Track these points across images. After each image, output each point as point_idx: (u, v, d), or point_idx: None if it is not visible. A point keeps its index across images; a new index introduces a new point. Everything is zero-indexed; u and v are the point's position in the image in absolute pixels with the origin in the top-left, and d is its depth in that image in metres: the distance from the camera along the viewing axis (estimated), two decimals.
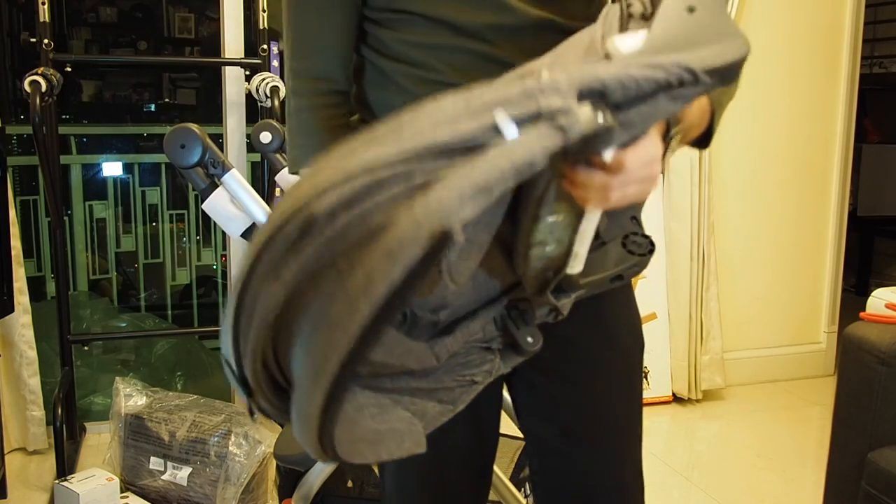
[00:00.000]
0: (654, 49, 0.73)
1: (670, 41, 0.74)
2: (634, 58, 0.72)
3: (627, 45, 0.76)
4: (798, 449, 2.79)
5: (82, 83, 5.52)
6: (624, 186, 0.76)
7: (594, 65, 0.70)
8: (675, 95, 0.71)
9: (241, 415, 2.27)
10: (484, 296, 0.88)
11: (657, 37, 0.75)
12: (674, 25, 0.76)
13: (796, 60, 3.25)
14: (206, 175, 1.51)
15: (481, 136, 0.61)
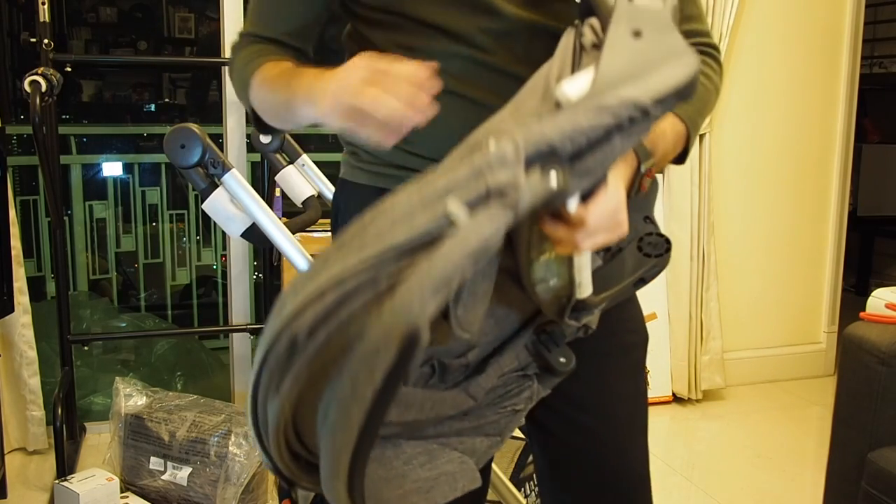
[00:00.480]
0: (601, 88, 0.74)
1: (618, 74, 0.75)
2: (582, 104, 0.73)
3: (575, 89, 0.76)
4: (798, 449, 2.79)
5: (82, 83, 5.52)
6: (591, 237, 0.80)
7: (542, 122, 0.71)
8: (628, 133, 0.73)
9: (240, 415, 2.27)
10: (508, 329, 0.90)
11: (604, 72, 0.76)
12: (621, 54, 0.77)
13: (796, 60, 3.25)
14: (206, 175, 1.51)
15: (436, 227, 0.63)
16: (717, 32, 2.95)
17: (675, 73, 0.74)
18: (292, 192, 1.95)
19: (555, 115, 0.73)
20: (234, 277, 2.88)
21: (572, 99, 0.75)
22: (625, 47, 0.77)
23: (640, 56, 0.76)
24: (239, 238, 1.57)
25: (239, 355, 2.90)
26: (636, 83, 0.73)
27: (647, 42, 0.77)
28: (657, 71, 0.74)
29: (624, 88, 0.73)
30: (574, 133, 0.70)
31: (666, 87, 0.74)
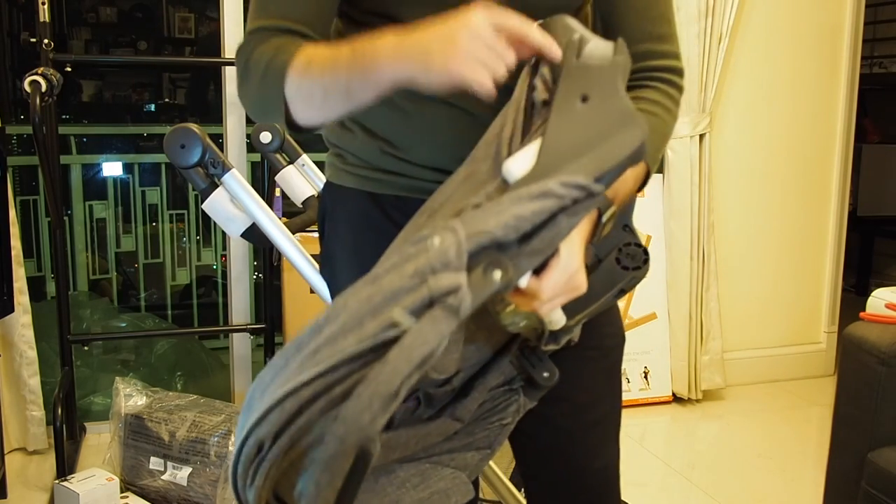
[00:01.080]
0: (546, 168, 0.75)
1: (563, 150, 0.76)
2: (526, 188, 0.73)
3: (519, 167, 0.77)
4: (798, 449, 2.79)
5: (82, 83, 5.52)
6: (550, 302, 0.81)
7: (486, 212, 0.72)
8: (574, 212, 0.74)
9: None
10: (490, 351, 0.91)
11: (550, 147, 0.76)
12: (567, 124, 0.77)
13: (796, 60, 3.25)
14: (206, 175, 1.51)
15: (382, 335, 0.66)
16: (717, 32, 2.95)
17: (621, 147, 0.75)
18: (292, 192, 1.95)
19: (498, 203, 0.73)
20: (234, 277, 2.88)
21: (517, 177, 0.76)
22: (572, 115, 0.77)
23: (586, 126, 0.76)
24: (239, 238, 1.57)
25: (239, 355, 2.90)
26: (581, 161, 0.74)
27: (595, 109, 0.77)
28: (603, 144, 0.75)
29: (568, 168, 0.74)
30: (518, 223, 0.71)
31: (611, 163, 0.74)
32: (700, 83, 2.98)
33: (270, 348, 2.75)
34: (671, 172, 3.05)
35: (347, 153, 1.12)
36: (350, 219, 1.10)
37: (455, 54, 0.77)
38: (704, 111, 3.01)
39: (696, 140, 3.01)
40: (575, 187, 0.72)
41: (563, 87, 0.79)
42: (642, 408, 3.09)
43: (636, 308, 3.10)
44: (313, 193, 1.93)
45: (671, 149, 3.03)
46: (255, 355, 2.93)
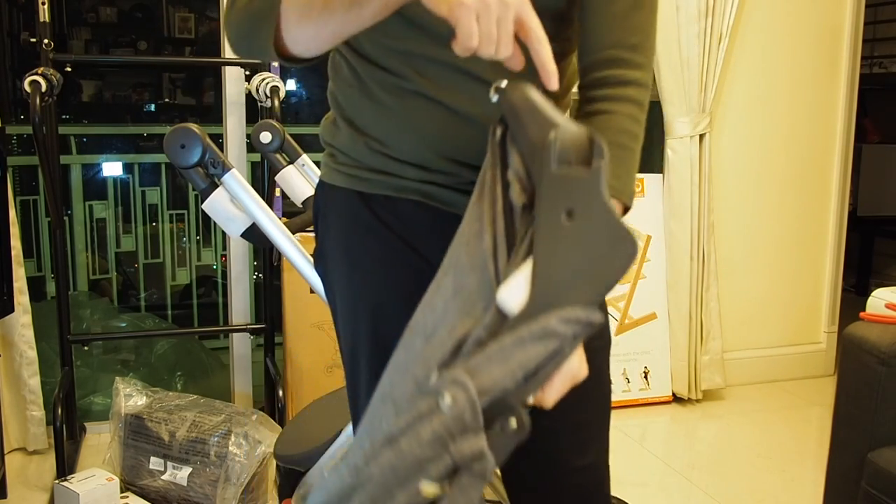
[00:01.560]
0: (542, 297, 0.75)
1: (556, 276, 0.75)
2: (527, 325, 0.75)
3: (515, 300, 0.77)
4: (798, 449, 2.79)
5: (82, 83, 5.52)
6: (558, 395, 0.82)
7: (490, 360, 0.74)
8: (575, 344, 0.75)
9: (240, 415, 2.27)
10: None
11: (542, 274, 0.76)
12: (556, 245, 0.76)
13: (796, 60, 3.26)
14: (206, 175, 1.52)
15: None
16: (717, 32, 2.95)
17: (614, 268, 0.74)
18: (292, 192, 1.95)
19: (501, 347, 0.74)
20: (234, 277, 2.88)
21: (514, 310, 0.76)
22: (559, 234, 0.75)
23: (576, 247, 0.75)
24: (239, 238, 1.57)
25: (239, 355, 2.90)
26: (576, 289, 0.74)
27: (582, 226, 0.75)
28: (596, 267, 0.74)
29: (565, 298, 0.74)
30: (524, 370, 0.73)
31: (606, 286, 0.75)
32: (700, 83, 2.98)
33: (270, 348, 2.75)
34: (671, 172, 3.05)
35: (339, 152, 1.13)
36: (341, 218, 1.12)
37: (462, 2, 0.77)
38: (704, 111, 3.01)
39: (696, 140, 3.01)
40: (576, 323, 0.74)
41: (546, 200, 0.77)
42: (642, 408, 3.09)
43: (636, 308, 3.10)
44: (313, 193, 1.93)
45: (671, 149, 3.03)
46: (255, 355, 2.93)
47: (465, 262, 0.83)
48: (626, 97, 1.00)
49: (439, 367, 0.78)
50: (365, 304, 1.12)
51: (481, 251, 0.81)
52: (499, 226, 0.82)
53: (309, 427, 1.95)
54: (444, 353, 0.78)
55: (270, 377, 2.67)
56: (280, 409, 2.49)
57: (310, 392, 2.63)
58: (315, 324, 2.67)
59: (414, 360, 0.82)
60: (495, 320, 0.78)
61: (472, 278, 0.81)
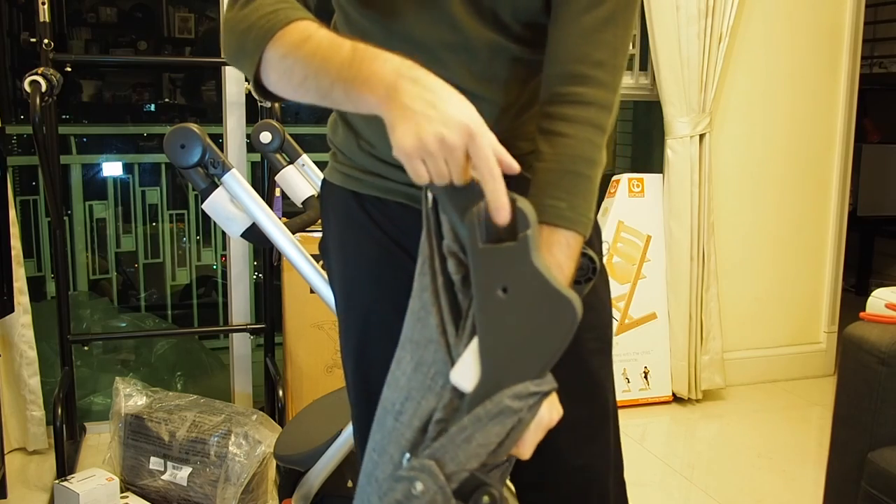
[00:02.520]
0: (492, 375, 0.77)
1: (502, 351, 0.76)
2: (482, 405, 0.77)
3: (467, 380, 0.79)
4: (798, 449, 2.79)
5: (82, 83, 5.52)
6: (532, 445, 0.85)
7: (455, 444, 0.78)
8: (533, 411, 0.78)
9: (240, 415, 2.27)
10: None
11: (488, 352, 0.77)
12: (496, 321, 0.76)
13: (797, 60, 3.25)
14: (206, 175, 1.51)
15: None
16: (717, 32, 2.95)
17: (558, 333, 0.75)
18: (292, 192, 1.95)
19: (462, 429, 0.77)
20: (234, 277, 2.88)
21: (468, 389, 0.78)
22: (497, 310, 0.76)
23: (516, 319, 0.76)
24: (239, 238, 1.57)
25: (239, 355, 2.90)
26: (523, 362, 0.76)
27: (518, 298, 0.75)
28: (539, 335, 0.75)
29: (514, 373, 0.76)
30: (485, 449, 0.77)
31: (552, 352, 0.75)
32: (700, 83, 2.98)
33: (270, 348, 2.75)
34: (671, 172, 3.05)
35: (339, 151, 1.16)
36: (338, 215, 1.16)
37: (414, 147, 0.78)
38: (704, 111, 3.01)
39: (696, 140, 3.01)
40: (528, 396, 0.76)
41: (479, 276, 0.77)
42: (642, 408, 3.09)
43: (636, 308, 3.10)
44: (313, 193, 1.93)
45: (671, 149, 3.03)
46: (255, 355, 2.93)
47: (419, 338, 0.84)
48: (586, 120, 0.97)
49: (410, 449, 0.81)
50: (355, 304, 1.14)
51: (431, 326, 0.82)
52: (442, 301, 0.82)
53: (309, 427, 1.95)
54: (413, 434, 0.81)
55: (270, 377, 2.67)
56: (280, 409, 2.49)
57: (310, 392, 2.63)
58: (315, 324, 2.67)
59: (388, 439, 0.84)
60: (452, 398, 0.80)
61: (427, 353, 0.83)
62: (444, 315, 0.82)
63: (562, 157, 0.96)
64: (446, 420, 0.80)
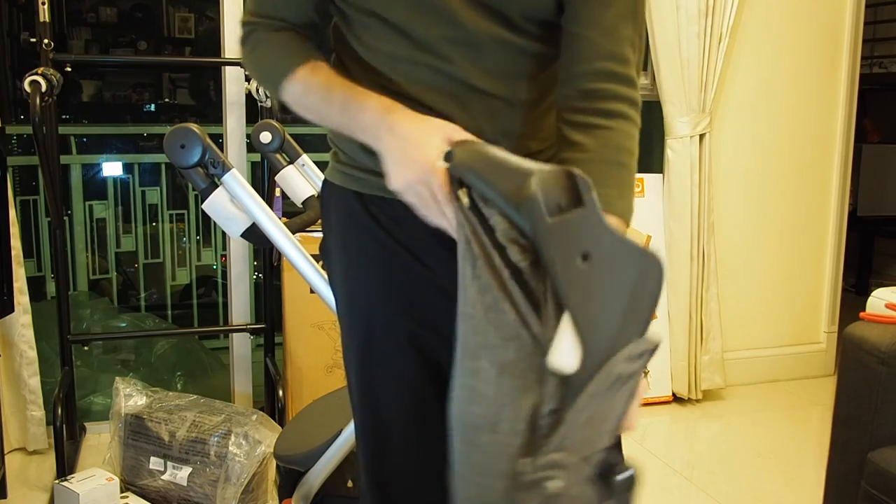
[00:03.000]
0: (596, 346, 0.73)
1: (600, 324, 0.73)
2: (597, 379, 0.73)
3: (569, 361, 0.74)
4: (798, 449, 2.79)
5: (82, 83, 5.52)
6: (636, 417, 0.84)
7: (586, 429, 0.73)
8: (643, 369, 0.76)
9: (240, 415, 2.27)
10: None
11: (585, 325, 0.74)
12: (586, 291, 0.73)
13: (796, 60, 3.25)
14: (206, 175, 1.51)
15: None
16: (717, 32, 2.95)
17: (649, 290, 0.73)
18: (292, 192, 1.95)
19: (580, 411, 0.73)
20: (234, 277, 2.88)
21: (573, 369, 0.74)
22: (583, 279, 0.73)
23: (604, 286, 0.73)
24: (239, 238, 1.57)
25: (239, 355, 2.90)
26: (626, 328, 0.73)
27: (602, 263, 0.73)
28: (632, 297, 0.73)
29: (620, 340, 0.73)
30: (613, 419, 0.75)
31: (648, 309, 0.73)
32: (700, 83, 2.98)
33: (270, 348, 2.75)
34: (671, 172, 3.05)
35: (340, 151, 1.15)
36: (339, 216, 1.15)
37: (401, 190, 0.93)
38: (704, 111, 3.01)
39: (696, 140, 3.01)
40: (640, 356, 0.73)
41: (553, 252, 0.74)
42: (642, 408, 3.09)
43: None
44: (313, 193, 1.93)
45: (671, 149, 3.03)
46: (255, 355, 2.93)
47: (495, 341, 0.79)
48: (622, 114, 0.99)
49: (524, 453, 0.75)
50: (359, 305, 1.14)
51: (508, 322, 0.78)
52: (514, 292, 0.78)
53: (309, 427, 1.95)
54: (521, 438, 0.76)
55: (270, 377, 2.67)
56: (280, 409, 2.49)
57: (310, 392, 2.63)
58: (315, 324, 2.67)
59: (491, 455, 0.78)
60: (558, 386, 0.75)
61: (509, 352, 0.78)
62: (521, 307, 0.78)
63: (607, 149, 0.97)
64: (559, 409, 0.75)
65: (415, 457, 1.14)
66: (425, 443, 1.14)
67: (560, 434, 0.73)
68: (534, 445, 0.75)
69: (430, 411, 1.12)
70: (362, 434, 1.17)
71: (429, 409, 1.12)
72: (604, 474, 0.74)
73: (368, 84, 1.05)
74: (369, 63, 1.05)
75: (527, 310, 0.77)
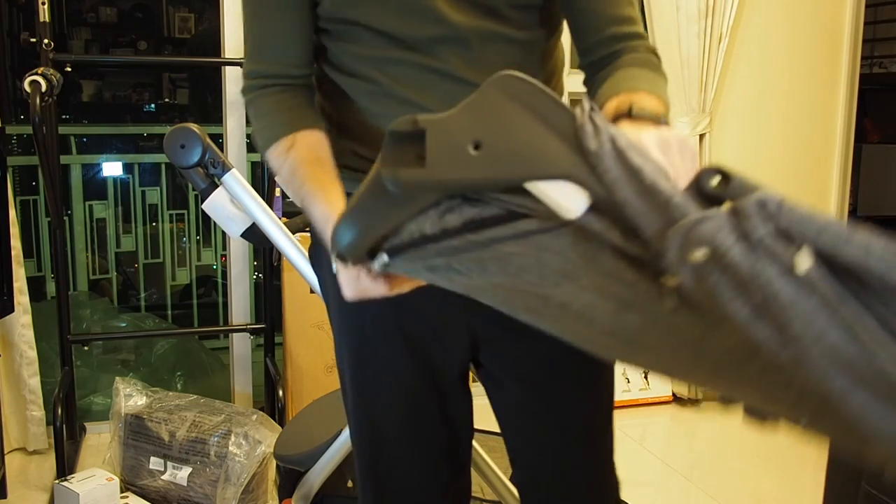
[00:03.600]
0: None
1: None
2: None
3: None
4: (798, 449, 2.79)
5: (82, 83, 5.52)
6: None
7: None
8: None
9: (240, 415, 2.27)
10: None
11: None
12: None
13: (796, 60, 3.25)
14: (206, 175, 1.51)
15: None
16: (717, 32, 2.95)
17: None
18: None
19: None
20: (234, 277, 2.88)
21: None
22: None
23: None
24: (239, 238, 1.57)
25: (239, 355, 2.90)
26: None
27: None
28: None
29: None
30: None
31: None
32: (700, 83, 2.98)
33: (270, 348, 2.75)
34: None
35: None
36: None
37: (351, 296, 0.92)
38: (704, 111, 3.01)
39: (696, 140, 3.01)
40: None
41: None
42: (642, 408, 3.09)
43: None
44: None
45: None
46: (255, 355, 2.93)
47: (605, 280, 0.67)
48: (646, 61, 1.06)
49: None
50: (352, 314, 1.13)
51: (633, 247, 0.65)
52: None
53: (309, 427, 1.95)
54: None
55: (270, 377, 2.67)
56: (280, 409, 2.49)
57: (310, 392, 2.63)
58: (315, 324, 2.67)
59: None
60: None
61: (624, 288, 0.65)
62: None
63: (634, 63, 1.04)
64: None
65: (410, 457, 1.14)
66: (422, 443, 1.14)
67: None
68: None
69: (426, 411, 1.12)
70: (357, 435, 1.17)
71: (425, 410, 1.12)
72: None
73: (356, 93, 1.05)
74: (356, 71, 1.05)
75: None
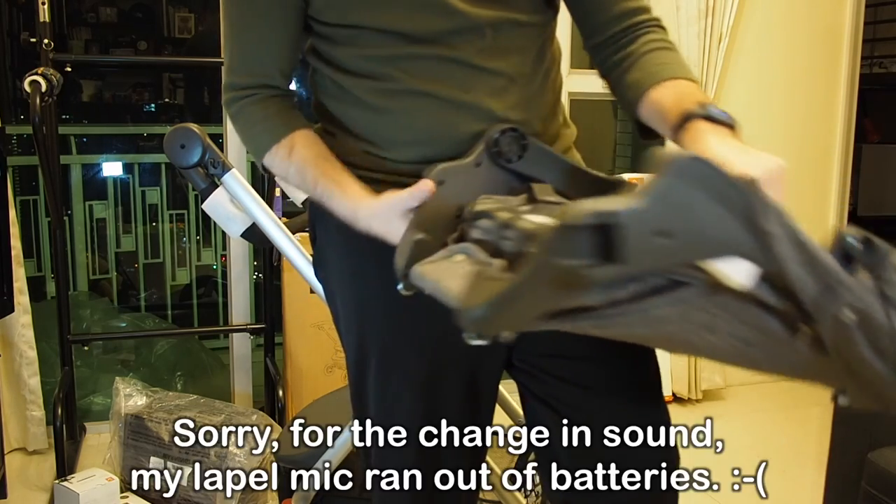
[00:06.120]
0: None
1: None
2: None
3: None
4: (798, 449, 2.79)
5: (82, 83, 5.51)
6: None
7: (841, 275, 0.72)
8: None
9: (240, 415, 2.27)
10: None
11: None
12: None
13: (796, 60, 3.25)
14: (206, 175, 1.52)
15: None
16: (717, 32, 2.95)
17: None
18: (292, 192, 1.95)
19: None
20: (234, 277, 2.88)
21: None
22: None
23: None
24: (239, 238, 1.57)
25: (239, 355, 2.90)
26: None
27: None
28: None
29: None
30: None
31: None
32: (700, 83, 2.98)
33: (270, 348, 2.75)
34: None
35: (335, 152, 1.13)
36: (342, 224, 1.08)
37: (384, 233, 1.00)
38: None
39: None
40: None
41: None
42: None
43: None
44: None
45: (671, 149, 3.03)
46: (255, 355, 2.93)
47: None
48: (653, 24, 1.10)
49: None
50: (373, 313, 1.11)
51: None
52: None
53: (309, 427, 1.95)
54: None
55: (270, 377, 2.67)
56: (280, 409, 2.49)
57: (310, 392, 2.63)
58: (315, 324, 2.67)
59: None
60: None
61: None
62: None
63: (654, 50, 1.07)
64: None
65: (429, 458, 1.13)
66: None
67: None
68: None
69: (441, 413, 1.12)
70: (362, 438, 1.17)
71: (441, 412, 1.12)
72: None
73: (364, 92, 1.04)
74: (365, 71, 1.04)
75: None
